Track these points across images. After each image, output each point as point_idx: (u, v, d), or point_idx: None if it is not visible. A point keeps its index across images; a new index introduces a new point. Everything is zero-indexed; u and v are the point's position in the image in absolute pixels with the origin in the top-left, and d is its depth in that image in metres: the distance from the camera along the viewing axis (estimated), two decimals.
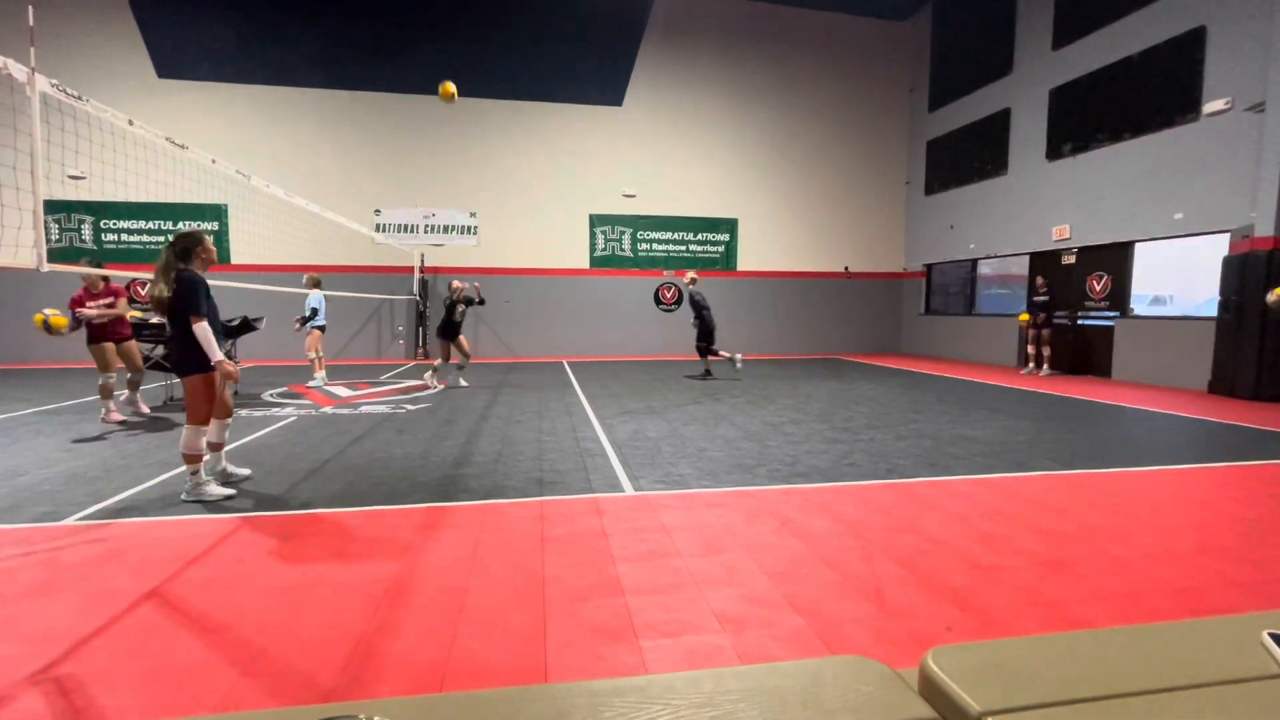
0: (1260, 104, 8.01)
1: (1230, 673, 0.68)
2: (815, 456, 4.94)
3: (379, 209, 13.67)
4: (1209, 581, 2.71)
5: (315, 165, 13.33)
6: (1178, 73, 9.17)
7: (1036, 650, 0.72)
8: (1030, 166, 12.02)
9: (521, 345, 14.35)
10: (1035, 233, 11.89)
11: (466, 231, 14.07)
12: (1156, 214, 9.57)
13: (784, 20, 15.05)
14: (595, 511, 3.62)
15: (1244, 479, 4.32)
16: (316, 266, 11.86)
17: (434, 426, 6.13)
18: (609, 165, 14.53)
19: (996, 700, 0.62)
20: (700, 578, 2.73)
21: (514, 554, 2.98)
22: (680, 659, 2.10)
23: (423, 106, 13.72)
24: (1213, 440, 5.63)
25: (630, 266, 14.83)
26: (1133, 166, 9.93)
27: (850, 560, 2.92)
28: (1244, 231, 8.17)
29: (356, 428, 6.05)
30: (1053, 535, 3.24)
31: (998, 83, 12.78)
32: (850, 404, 7.60)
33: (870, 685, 0.66)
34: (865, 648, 2.18)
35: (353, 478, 4.31)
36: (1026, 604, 2.50)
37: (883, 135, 15.91)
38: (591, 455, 4.97)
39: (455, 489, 4.05)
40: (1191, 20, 8.98)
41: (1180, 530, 3.34)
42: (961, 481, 4.24)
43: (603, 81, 14.29)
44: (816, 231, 15.70)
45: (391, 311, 13.83)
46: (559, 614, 2.40)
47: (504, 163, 14.15)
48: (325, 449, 5.15)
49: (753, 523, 3.44)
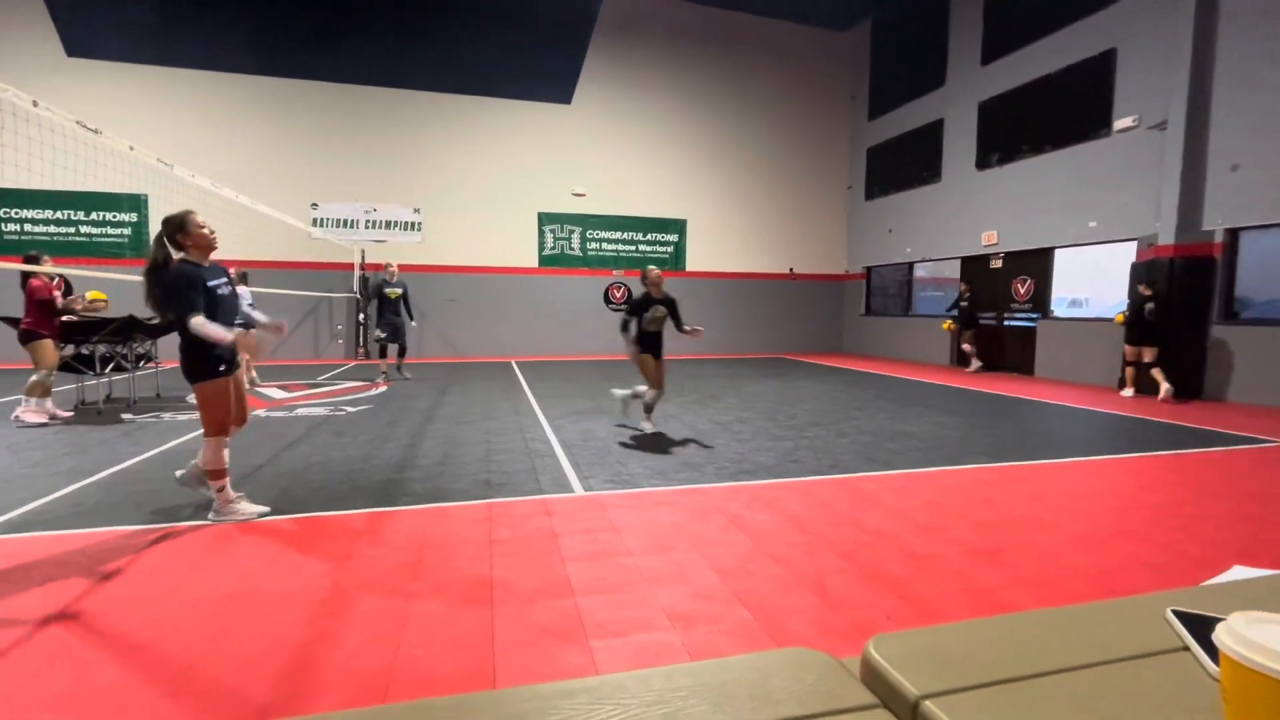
0: (1163, 123, 8.68)
1: (1140, 648, 0.74)
2: (762, 454, 5.04)
3: (316, 203, 13.12)
4: (1122, 564, 2.91)
5: (246, 155, 12.66)
6: (1092, 91, 9.83)
7: (969, 635, 0.76)
8: (962, 175, 12.63)
9: (468, 345, 14.05)
10: (966, 238, 12.51)
11: (410, 228, 13.67)
12: (1073, 222, 10.23)
13: (732, 25, 15.30)
14: (544, 512, 3.58)
15: (1149, 468, 4.67)
16: (247, 262, 11.29)
17: (376, 429, 5.93)
18: (558, 163, 14.41)
19: (933, 684, 0.65)
20: (650, 576, 2.74)
21: (460, 558, 2.92)
22: (630, 658, 2.11)
23: (363, 97, 13.26)
24: (1124, 432, 6.07)
25: (580, 266, 14.76)
26: (1053, 177, 10.58)
27: (795, 554, 3.00)
28: (1149, 240, 8.83)
29: (291, 431, 5.79)
30: (983, 525, 3.42)
31: (931, 94, 13.38)
32: (795, 402, 7.79)
33: (815, 675, 0.68)
34: (810, 639, 2.24)
35: (288, 483, 4.12)
36: (959, 591, 2.62)
37: (826, 141, 16.39)
38: (540, 456, 4.92)
39: (398, 493, 3.93)
40: (1104, 43, 9.64)
41: (1096, 517, 3.58)
42: (899, 475, 4.42)
43: (551, 79, 14.16)
44: (763, 233, 16.03)
45: (330, 310, 13.29)
46: (507, 617, 2.36)
47: (450, 158, 13.82)
48: (257, 454, 4.90)
49: (701, 520, 3.48)
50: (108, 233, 12.24)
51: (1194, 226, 8.37)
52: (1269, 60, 7.63)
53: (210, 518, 3.41)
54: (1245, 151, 7.89)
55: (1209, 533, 3.32)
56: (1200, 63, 8.22)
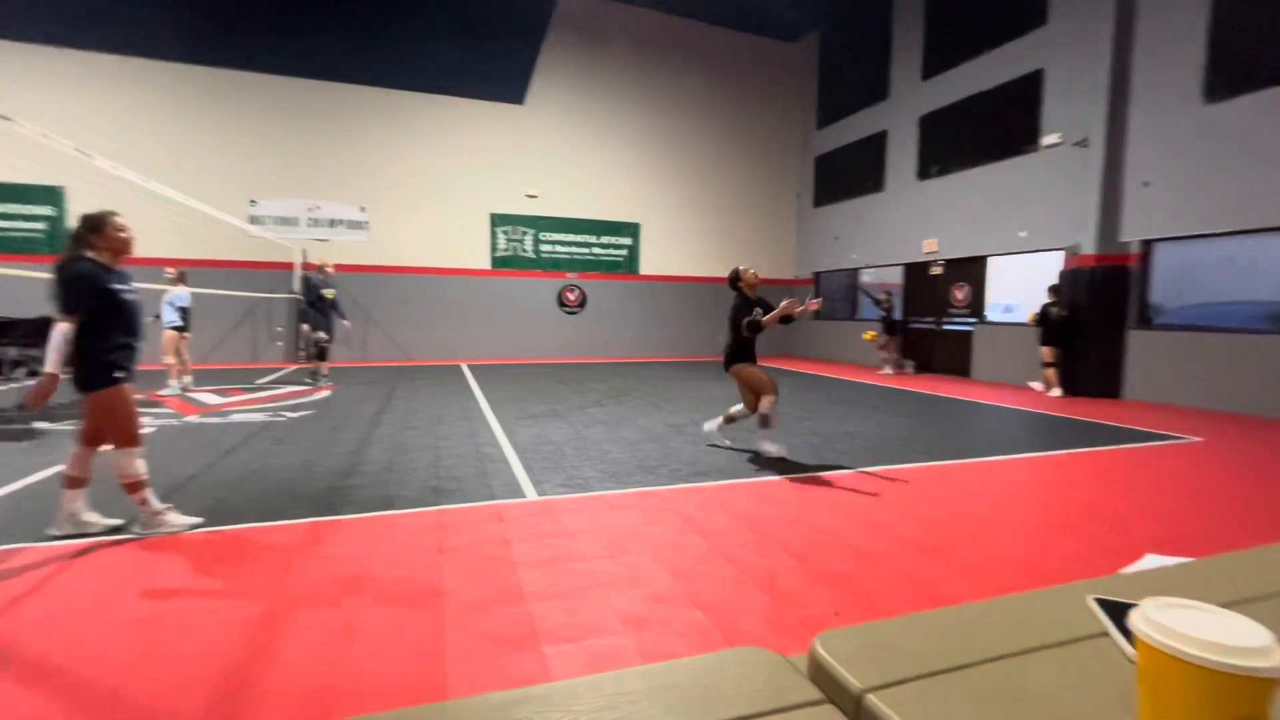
0: (1084, 140, 9.26)
1: (1065, 634, 0.78)
2: (715, 455, 5.10)
3: (254, 199, 12.54)
4: (1050, 555, 3.08)
5: (179, 148, 11.99)
6: (1021, 108, 10.39)
7: (910, 628, 0.79)
8: (904, 185, 13.14)
9: (416, 348, 13.70)
10: (908, 245, 13.00)
11: (356, 226, 13.23)
12: (1006, 231, 10.78)
13: (685, 33, 15.47)
14: (496, 518, 3.53)
15: (1074, 464, 4.96)
16: (182, 261, 10.71)
17: (318, 435, 5.71)
18: (511, 164, 14.24)
19: (876, 677, 0.67)
20: (603, 580, 2.74)
21: (408, 567, 2.84)
22: (584, 663, 2.09)
23: (306, 90, 12.77)
24: (1052, 431, 6.42)
25: (533, 268, 14.60)
26: (987, 189, 11.13)
27: (748, 554, 3.05)
28: (1073, 250, 9.39)
29: (227, 438, 5.51)
30: (925, 520, 3.56)
31: (876, 106, 13.87)
32: None
33: (764, 674, 0.70)
34: (761, 637, 2.28)
35: (223, 493, 3.92)
36: (904, 586, 2.72)
37: (776, 149, 16.76)
38: (492, 461, 4.84)
39: (342, 501, 3.80)
40: (1033, 64, 10.22)
41: (1029, 511, 3.77)
42: (847, 475, 4.55)
43: (503, 79, 13.99)
44: (716, 237, 16.24)
45: (269, 311, 12.73)
46: (458, 626, 2.31)
47: (398, 155, 13.45)
48: (190, 463, 4.65)
49: (655, 522, 3.50)
50: (20, 227, 11.38)
51: (1113, 238, 8.95)
52: (1177, 86, 8.25)
53: (135, 531, 3.21)
54: (1157, 169, 8.50)
55: (1127, 524, 3.54)
56: (1117, 85, 8.81)
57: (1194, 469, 4.85)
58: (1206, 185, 7.97)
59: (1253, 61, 7.50)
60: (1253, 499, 4.08)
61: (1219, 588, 0.92)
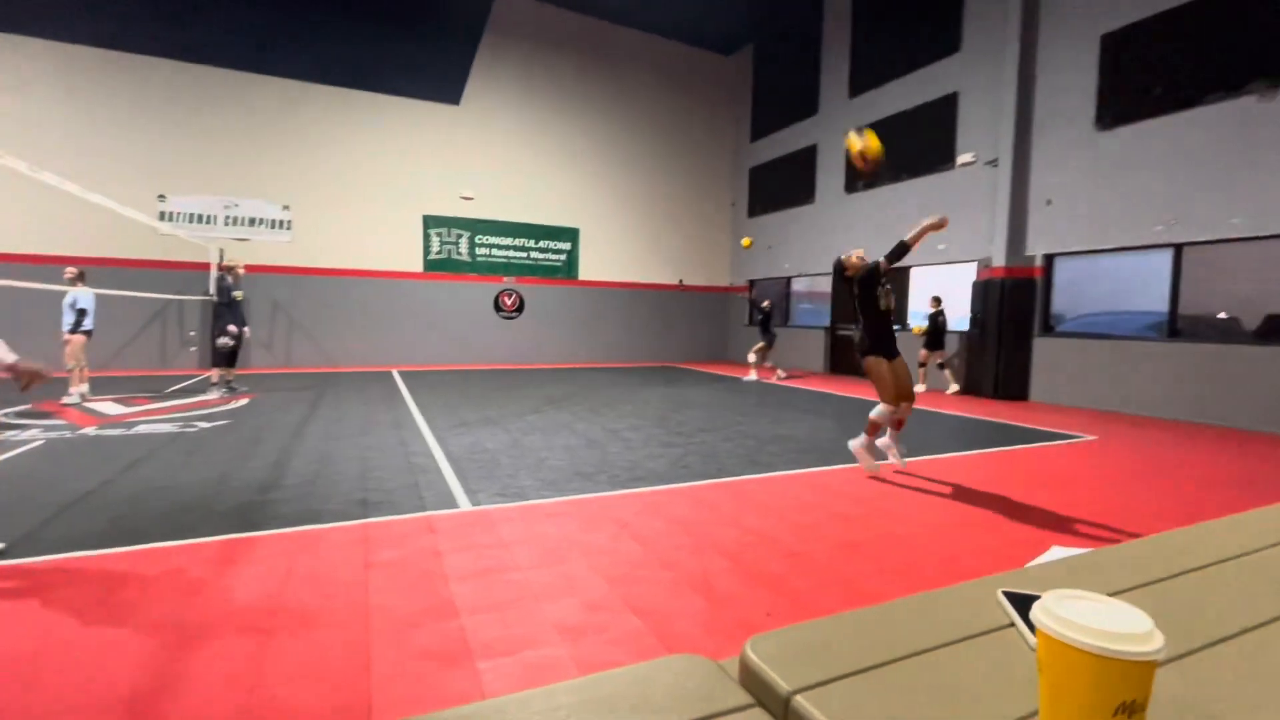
0: (994, 160, 9.95)
1: (978, 627, 0.83)
2: (653, 460, 5.13)
3: (164, 194, 11.68)
4: (965, 551, 3.27)
5: (77, 137, 11.03)
6: (939, 128, 11.06)
7: (836, 628, 0.81)
8: (833, 197, 13.70)
9: (343, 353, 13.11)
10: (837, 255, 13.53)
11: (278, 226, 12.55)
12: (926, 244, 11.41)
13: (626, 41, 15.60)
14: (427, 530, 3.41)
15: (986, 463, 5.29)
16: (83, 259, 9.86)
17: (235, 446, 5.36)
18: (445, 166, 13.89)
19: (804, 678, 0.69)
20: (539, 590, 2.69)
21: (332, 584, 2.70)
22: (519, 677, 2.05)
23: (222, 80, 12.02)
24: (968, 432, 6.83)
25: (469, 271, 14.29)
26: (909, 203, 11.76)
27: (683, 558, 3.07)
28: (985, 262, 10.05)
29: (131, 451, 5.09)
30: (851, 520, 3.70)
31: (806, 121, 14.42)
32: (684, 408, 8.02)
33: (695, 681, 0.70)
34: (697, 640, 2.30)
35: (124, 511, 3.61)
36: (830, 583, 2.81)
37: (712, 159, 17.13)
38: (424, 471, 4.69)
39: (261, 517, 3.57)
40: (949, 87, 10.90)
41: (945, 509, 3.99)
42: (779, 477, 4.68)
43: (439, 78, 13.66)
44: (654, 244, 16.41)
45: (181, 314, 11.87)
46: (385, 644, 2.21)
47: (325, 153, 12.86)
48: (87, 478, 4.26)
49: (592, 530, 3.47)
50: None
51: (1020, 251, 9.65)
52: (1073, 114, 8.99)
53: None
54: (1057, 188, 9.23)
55: (1034, 518, 3.81)
56: (1022, 110, 9.52)
57: (1090, 466, 5.27)
58: (1098, 205, 8.72)
59: (1135, 95, 8.28)
60: (1141, 492, 4.47)
61: (1112, 577, 0.99)
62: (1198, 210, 7.69)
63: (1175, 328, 8.08)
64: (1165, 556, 1.08)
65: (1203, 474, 5.07)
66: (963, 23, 10.65)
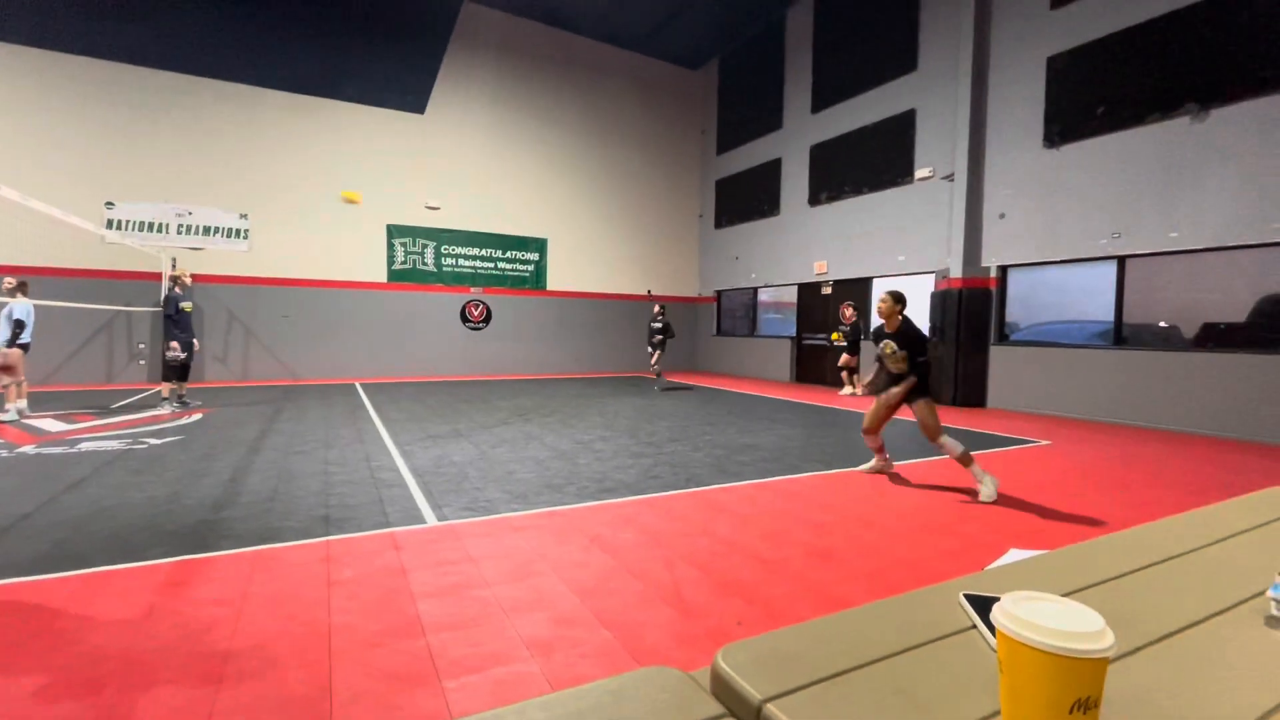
0: (951, 175, 10.30)
1: (941, 630, 0.85)
2: (622, 471, 5.12)
3: (111, 201, 11.23)
4: (929, 554, 3.34)
5: (13, 140, 10.54)
6: (899, 143, 11.41)
7: (805, 636, 0.82)
8: (797, 209, 13.97)
9: (304, 365, 12.75)
10: (801, 266, 13.81)
11: (234, 235, 12.18)
12: (887, 255, 11.73)
13: (593, 54, 15.69)
14: (392, 547, 3.33)
15: (948, 469, 5.43)
16: (24, 269, 9.41)
17: (187, 463, 5.16)
18: (410, 175, 13.71)
19: (774, 686, 0.69)
20: (508, 605, 2.65)
21: (292, 604, 2.61)
22: (488, 695, 2.01)
23: (174, 85, 11.65)
24: (924, 440, 6.99)
25: (434, 282, 14.08)
26: (870, 215, 12.07)
27: (654, 569, 3.07)
28: (943, 274, 10.37)
29: (74, 470, 4.85)
30: (820, 527, 3.75)
31: (771, 135, 14.71)
32: (654, 419, 8.03)
33: (668, 693, 0.70)
34: (668, 651, 2.29)
35: (66, 534, 3.43)
36: (800, 590, 2.84)
37: (679, 171, 17.31)
38: (388, 486, 4.58)
39: (215, 536, 3.44)
40: (907, 103, 11.26)
41: (910, 514, 4.07)
42: (748, 486, 4.71)
43: (404, 86, 13.51)
44: (622, 255, 16.46)
45: (129, 326, 11.39)
46: (347, 665, 2.15)
47: (285, 161, 12.56)
48: (24, 500, 4.03)
49: (562, 542, 3.44)
50: None
51: (976, 263, 9.98)
52: (1022, 132, 9.39)
53: None
54: (1010, 203, 9.60)
55: (993, 522, 3.92)
56: (976, 127, 9.90)
57: (1044, 470, 5.46)
58: (1047, 219, 9.10)
59: (1079, 115, 8.69)
60: (1092, 495, 4.65)
61: (1065, 577, 1.03)
62: (1140, 224, 8.09)
63: (1120, 336, 8.45)
64: (1115, 556, 1.13)
65: (1149, 476, 5.30)
66: (919, 43, 11.04)
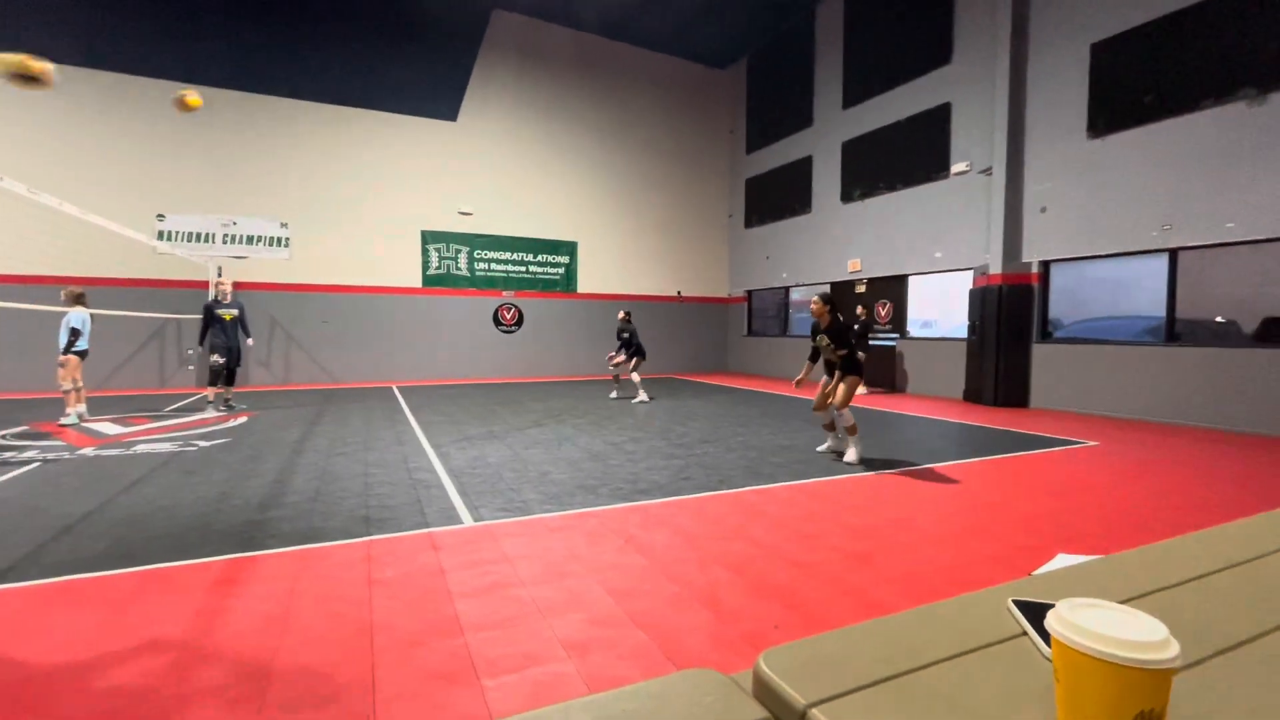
0: (988, 168, 10.02)
1: (989, 637, 0.82)
2: (655, 473, 5.12)
3: (162, 214, 11.73)
4: (971, 559, 3.25)
5: (75, 158, 11.10)
6: (933, 138, 11.16)
7: (849, 640, 0.81)
8: (829, 207, 13.78)
9: (343, 369, 13.11)
10: (834, 265, 13.61)
11: (276, 243, 12.59)
12: (923, 252, 11.48)
13: (620, 56, 15.76)
14: (430, 547, 3.39)
15: (988, 471, 5.29)
16: (77, 279, 9.89)
17: (235, 465, 5.35)
18: (443, 181, 13.98)
19: (818, 692, 0.69)
20: (544, 606, 2.68)
21: (336, 602, 2.68)
22: (526, 695, 2.03)
23: (220, 100, 12.11)
24: (969, 440, 6.82)
25: (467, 286, 14.32)
26: (905, 212, 11.83)
27: (689, 571, 3.06)
28: (982, 270, 10.10)
29: (130, 471, 5.07)
30: (856, 530, 3.68)
31: (801, 133, 14.54)
32: (685, 420, 8.01)
33: (711, 696, 0.70)
34: (704, 655, 2.28)
35: (124, 532, 3.59)
36: (837, 594, 2.80)
37: (708, 171, 17.24)
38: (426, 487, 4.67)
39: (262, 535, 3.56)
40: (941, 97, 11.01)
41: (949, 517, 3.98)
42: (782, 488, 4.66)
43: (436, 95, 13.78)
44: (652, 256, 16.47)
45: (180, 333, 11.88)
46: (390, 663, 2.20)
47: (322, 170, 12.94)
48: (85, 500, 4.24)
49: (596, 543, 3.46)
50: None
51: (1016, 258, 9.69)
52: (1064, 122, 9.08)
53: None
54: (1051, 196, 9.30)
55: (1038, 525, 3.80)
56: (1014, 120, 9.61)
57: (1092, 472, 5.27)
58: (1092, 212, 8.78)
59: (1126, 102, 8.36)
60: (1144, 498, 4.47)
61: (1122, 584, 0.99)
62: (1192, 215, 7.74)
63: (1174, 332, 8.10)
64: (1174, 563, 1.08)
65: (1206, 478, 5.06)
66: (954, 34, 10.78)
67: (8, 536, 3.51)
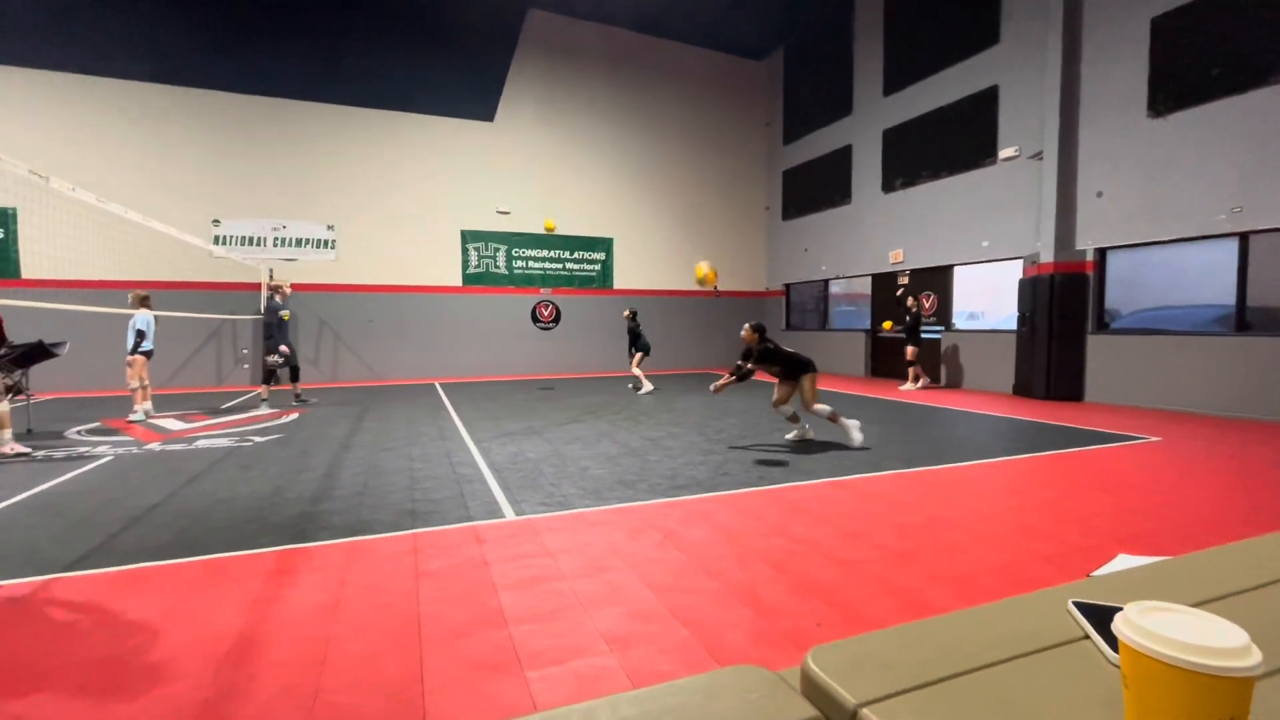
0: (1039, 153, 9.62)
1: (1048, 640, 0.79)
2: (693, 468, 5.11)
3: (218, 219, 12.27)
4: (1024, 558, 3.14)
5: (138, 168, 11.69)
6: (979, 123, 10.76)
7: (898, 640, 0.79)
8: (869, 197, 13.46)
9: (387, 367, 13.48)
10: (875, 256, 13.29)
11: (323, 245, 13.02)
12: (969, 242, 11.10)
13: (653, 50, 15.70)
14: (474, 540, 3.47)
15: (1041, 467, 5.09)
16: (142, 283, 10.42)
17: (287, 460, 5.56)
18: (481, 181, 14.20)
19: (868, 691, 0.67)
20: (586, 599, 2.70)
21: (385, 593, 2.77)
22: (569, 687, 2.06)
23: (269, 109, 12.58)
24: (1019, 435, 6.58)
25: (506, 284, 14.54)
26: (949, 200, 11.46)
27: (729, 567, 3.04)
28: (1032, 259, 9.71)
29: (191, 465, 5.33)
30: (901, 528, 3.60)
31: (840, 122, 14.22)
32: (723, 416, 7.96)
33: (758, 693, 0.69)
34: (745, 651, 2.27)
35: (187, 524, 3.78)
36: (881, 593, 2.74)
37: (744, 163, 17.04)
38: (469, 481, 4.77)
39: (314, 528, 3.69)
40: (988, 80, 10.61)
41: (1000, 515, 3.85)
42: (824, 484, 4.59)
43: (472, 96, 14.00)
44: (688, 251, 16.39)
45: (234, 333, 12.41)
46: (437, 653, 2.26)
47: (365, 173, 13.31)
48: (152, 492, 4.48)
49: (636, 538, 3.47)
50: None
51: (1069, 246, 9.28)
52: (1122, 101, 8.64)
53: None
54: (1107, 180, 8.86)
55: (1095, 525, 3.64)
56: (1067, 101, 9.19)
57: (1154, 468, 5.02)
58: (1152, 195, 8.33)
59: (1190, 78, 7.90)
60: (1211, 496, 4.23)
61: (1191, 587, 0.94)
62: (1265, 196, 7.27)
63: (1244, 320, 7.64)
64: (1249, 565, 1.02)
65: (1277, 476, 4.77)
66: (1001, 14, 10.37)
67: (84, 526, 3.73)
